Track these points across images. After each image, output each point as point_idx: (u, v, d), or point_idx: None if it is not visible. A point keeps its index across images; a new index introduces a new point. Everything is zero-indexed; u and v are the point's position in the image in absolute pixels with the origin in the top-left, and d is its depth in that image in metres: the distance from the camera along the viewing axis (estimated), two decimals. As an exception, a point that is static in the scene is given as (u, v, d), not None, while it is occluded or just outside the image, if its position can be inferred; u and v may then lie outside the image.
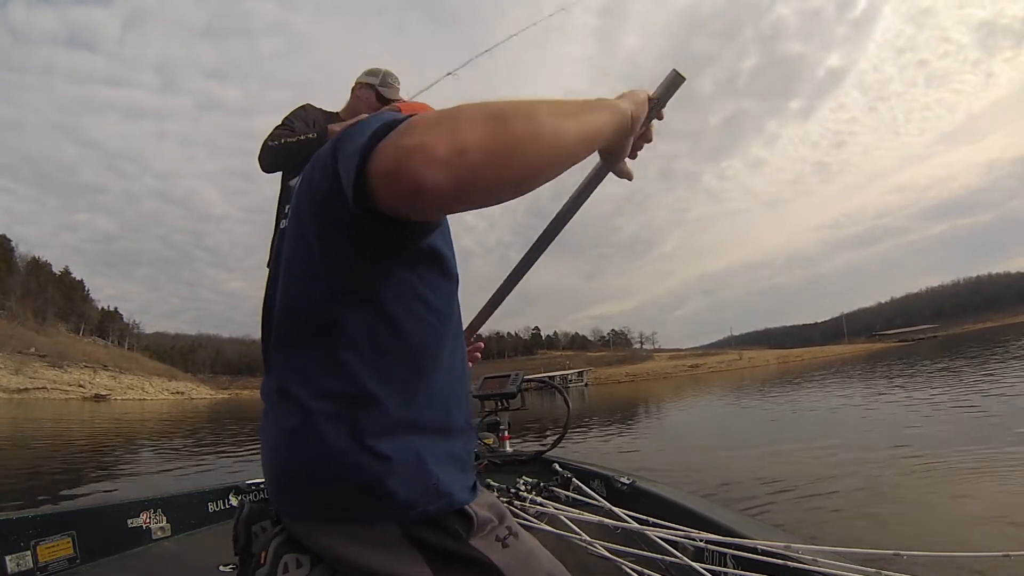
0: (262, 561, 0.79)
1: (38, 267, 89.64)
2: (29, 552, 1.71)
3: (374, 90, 2.28)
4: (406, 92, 2.40)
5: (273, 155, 2.02)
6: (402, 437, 0.65)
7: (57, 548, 1.78)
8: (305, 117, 2.24)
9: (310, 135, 2.02)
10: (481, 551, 0.65)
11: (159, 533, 2.14)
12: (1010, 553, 0.88)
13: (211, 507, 2.42)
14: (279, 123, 2.19)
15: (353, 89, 2.34)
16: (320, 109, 2.33)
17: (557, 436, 3.01)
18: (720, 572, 1.21)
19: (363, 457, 0.63)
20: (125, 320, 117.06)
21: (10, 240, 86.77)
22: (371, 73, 2.32)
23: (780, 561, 1.11)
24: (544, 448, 2.97)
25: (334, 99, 2.42)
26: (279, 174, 2.12)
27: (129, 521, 2.05)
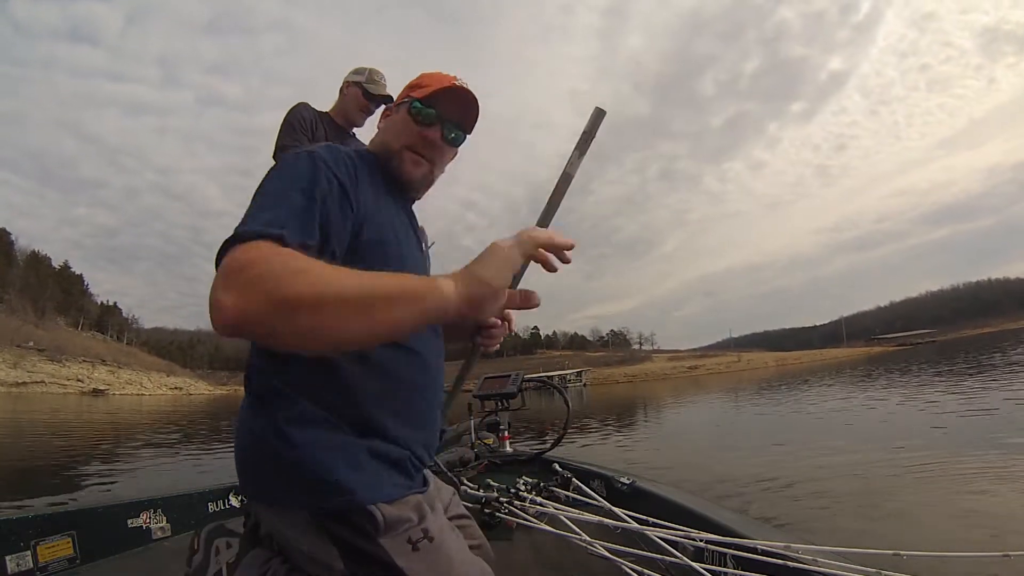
0: (196, 547, 0.84)
1: (37, 261, 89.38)
2: (29, 552, 1.70)
3: (360, 88, 2.34)
4: (396, 89, 2.44)
5: None
6: (315, 430, 0.70)
7: (57, 548, 1.78)
8: (304, 115, 2.28)
9: None
10: (388, 551, 0.69)
11: (159, 533, 2.14)
12: (1010, 553, 0.89)
13: (211, 507, 2.41)
14: (284, 123, 2.23)
15: (341, 88, 2.40)
16: (313, 109, 2.38)
17: (557, 436, 3.02)
18: (720, 572, 1.21)
19: (278, 443, 0.69)
20: (124, 315, 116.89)
21: (10, 233, 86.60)
22: (357, 72, 2.37)
23: (780, 561, 1.12)
24: (544, 448, 2.97)
25: (335, 96, 2.46)
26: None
27: (129, 521, 2.04)
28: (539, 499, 1.94)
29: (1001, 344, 41.19)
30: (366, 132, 2.49)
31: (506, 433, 3.16)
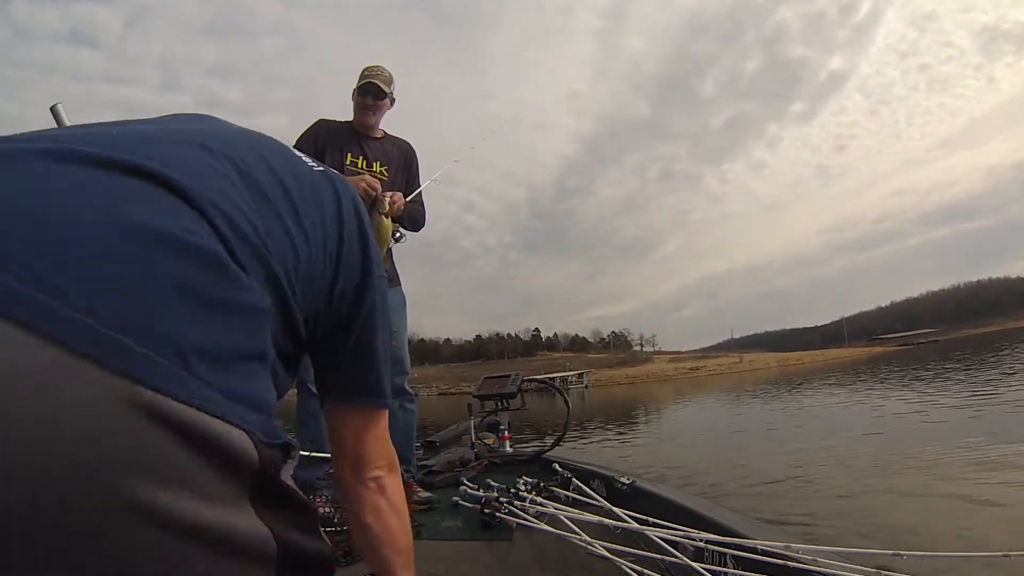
0: None
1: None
2: None
3: (355, 90, 2.36)
4: (398, 91, 2.43)
5: None
6: None
7: None
8: (310, 132, 2.33)
9: None
10: None
11: None
12: (1010, 553, 0.88)
13: None
14: (295, 144, 2.26)
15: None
16: (334, 121, 2.40)
17: (557, 436, 3.03)
18: (720, 572, 1.21)
19: None
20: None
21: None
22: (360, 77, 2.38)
23: (780, 561, 1.12)
24: (544, 448, 2.97)
25: (335, 99, 2.48)
26: None
27: None
28: (539, 499, 1.93)
29: (1003, 343, 41.12)
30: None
31: (506, 433, 3.17)
